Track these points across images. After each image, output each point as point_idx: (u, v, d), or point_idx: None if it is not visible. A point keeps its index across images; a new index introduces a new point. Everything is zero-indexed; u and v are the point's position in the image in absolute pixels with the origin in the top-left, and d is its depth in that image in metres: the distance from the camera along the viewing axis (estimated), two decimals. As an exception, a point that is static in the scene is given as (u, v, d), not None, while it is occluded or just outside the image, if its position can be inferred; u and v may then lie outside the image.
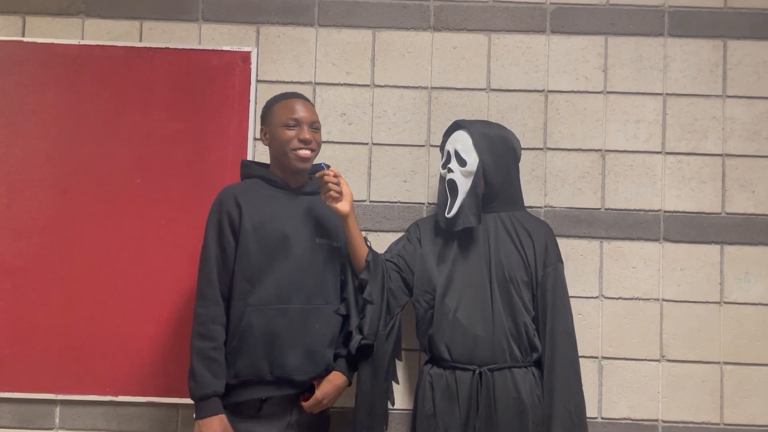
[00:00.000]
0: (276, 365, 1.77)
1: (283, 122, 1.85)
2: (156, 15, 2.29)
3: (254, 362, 1.76)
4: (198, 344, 1.75)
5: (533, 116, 2.27)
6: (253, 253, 1.78)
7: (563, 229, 2.21)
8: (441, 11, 2.30)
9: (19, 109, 2.23)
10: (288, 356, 1.77)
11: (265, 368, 1.77)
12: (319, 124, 1.90)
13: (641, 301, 2.22)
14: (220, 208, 1.81)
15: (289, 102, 1.88)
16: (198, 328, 1.76)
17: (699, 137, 2.26)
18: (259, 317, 1.77)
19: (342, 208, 1.83)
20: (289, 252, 1.80)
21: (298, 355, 1.79)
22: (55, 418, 2.19)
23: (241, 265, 1.78)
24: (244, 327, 1.76)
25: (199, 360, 1.74)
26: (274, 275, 1.78)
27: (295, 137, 1.84)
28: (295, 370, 1.78)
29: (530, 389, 1.84)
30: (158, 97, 2.23)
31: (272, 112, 1.89)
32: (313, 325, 1.81)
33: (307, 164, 1.87)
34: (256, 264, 1.78)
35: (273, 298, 1.78)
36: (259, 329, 1.76)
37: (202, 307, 1.77)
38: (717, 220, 2.24)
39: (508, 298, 1.87)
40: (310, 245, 1.84)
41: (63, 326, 2.17)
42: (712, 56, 2.28)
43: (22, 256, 2.19)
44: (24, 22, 2.29)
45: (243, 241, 1.78)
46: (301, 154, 1.84)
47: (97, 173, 2.22)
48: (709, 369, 2.20)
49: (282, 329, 1.77)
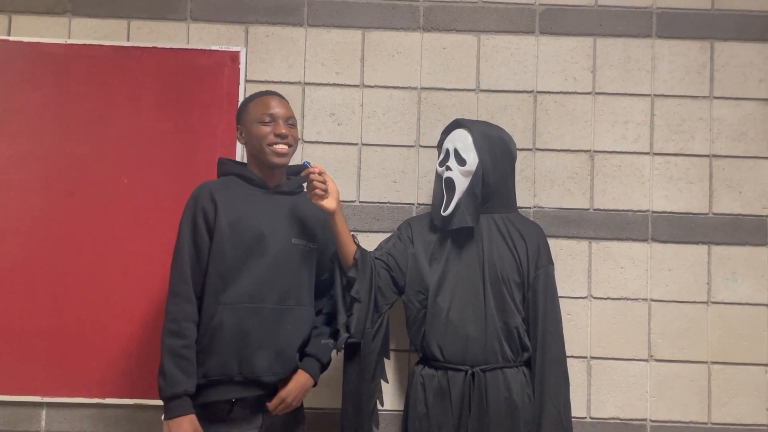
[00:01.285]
0: (245, 365, 1.74)
1: (258, 118, 1.83)
2: (144, 14, 2.28)
3: (224, 361, 1.73)
4: (169, 342, 1.71)
5: (522, 117, 2.27)
6: (227, 251, 1.75)
7: (552, 229, 2.22)
8: (430, 12, 2.30)
9: (5, 108, 2.20)
10: (257, 356, 1.75)
11: (234, 368, 1.74)
12: (294, 120, 1.88)
13: (629, 301, 2.23)
14: (195, 204, 1.78)
15: (264, 99, 1.87)
16: (169, 326, 1.73)
17: (686, 138, 2.27)
18: (231, 315, 1.74)
19: (328, 206, 1.82)
20: (264, 251, 1.78)
21: (268, 355, 1.76)
22: (42, 421, 2.17)
23: (215, 263, 1.75)
24: (215, 325, 1.73)
25: (169, 358, 1.70)
26: (248, 274, 1.76)
27: (271, 132, 1.82)
28: (264, 370, 1.75)
29: (521, 389, 1.85)
30: (146, 96, 2.22)
31: (247, 109, 1.87)
32: (285, 326, 1.79)
33: (284, 159, 1.85)
34: (231, 262, 1.75)
35: (246, 297, 1.75)
36: (231, 328, 1.74)
37: (174, 304, 1.74)
38: (704, 220, 2.25)
39: (501, 299, 1.88)
40: (285, 245, 1.82)
41: (50, 327, 2.15)
42: (699, 57, 2.29)
43: (8, 257, 2.17)
44: (10, 21, 2.27)
45: (218, 238, 1.76)
46: (278, 149, 1.82)
47: (84, 173, 2.20)
48: (697, 368, 2.21)
49: (253, 328, 1.75)
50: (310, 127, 2.27)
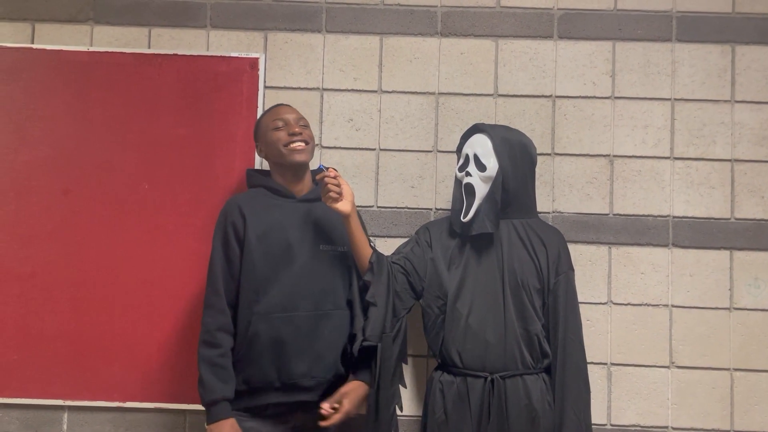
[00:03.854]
0: (283, 372, 1.80)
1: (272, 126, 1.91)
2: (164, 22, 2.30)
3: (262, 370, 1.80)
4: (204, 352, 1.80)
5: (541, 122, 2.27)
6: (257, 263, 1.81)
7: (571, 234, 2.20)
8: (448, 17, 2.31)
9: (27, 115, 2.23)
10: (295, 363, 1.80)
11: (273, 375, 1.80)
12: (306, 122, 1.96)
13: (650, 307, 2.21)
14: (225, 219, 1.86)
15: (273, 109, 1.99)
16: (204, 337, 1.81)
17: (707, 142, 2.25)
18: (265, 325, 1.80)
19: (342, 208, 1.83)
20: (293, 260, 1.83)
21: (306, 361, 1.81)
22: (63, 424, 2.19)
23: (246, 275, 1.82)
24: (251, 335, 1.80)
25: (206, 367, 1.78)
26: (278, 284, 1.81)
27: (285, 134, 1.89)
28: (303, 376, 1.81)
29: (541, 396, 1.84)
30: (166, 103, 2.24)
31: (260, 124, 1.97)
32: (322, 332, 1.83)
33: (303, 156, 1.89)
34: (261, 273, 1.81)
35: (279, 307, 1.81)
36: (266, 337, 1.80)
37: (208, 317, 1.82)
38: (726, 225, 2.23)
39: (520, 305, 1.87)
40: (313, 252, 1.86)
41: (71, 332, 2.17)
42: (720, 61, 2.27)
43: (29, 262, 2.19)
44: (33, 29, 2.30)
45: (247, 250, 1.82)
46: (295, 147, 1.88)
47: (104, 179, 2.22)
48: (719, 375, 2.19)
49: (288, 337, 1.80)
50: (329, 133, 2.28)
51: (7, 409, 2.18)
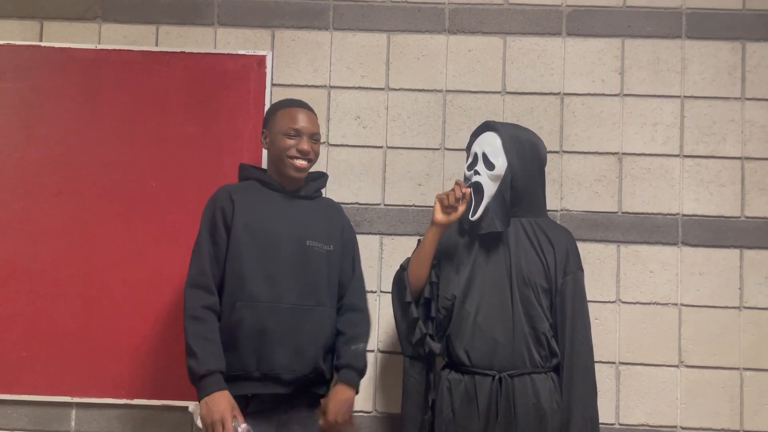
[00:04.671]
0: (264, 362, 1.77)
1: (285, 131, 1.87)
2: (172, 19, 2.30)
3: (242, 358, 1.77)
4: (193, 327, 1.74)
5: (549, 119, 2.25)
6: (243, 249, 1.80)
7: (580, 232, 2.19)
8: (456, 14, 2.30)
9: (36, 113, 2.24)
10: (276, 354, 1.77)
11: (252, 364, 1.77)
12: (319, 136, 1.93)
13: (659, 305, 2.19)
14: (214, 204, 1.85)
15: (293, 111, 1.90)
16: (191, 313, 1.76)
17: (718, 140, 2.23)
18: (249, 313, 1.78)
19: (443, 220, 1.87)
20: (279, 251, 1.82)
21: (287, 353, 1.78)
22: (71, 421, 2.20)
23: (232, 261, 1.80)
24: (234, 322, 1.77)
25: (196, 340, 1.72)
26: (264, 273, 1.80)
27: (294, 147, 1.86)
28: (283, 368, 1.78)
29: (549, 395, 1.83)
30: (174, 100, 2.24)
31: (275, 117, 1.91)
32: (304, 326, 1.81)
33: (301, 174, 1.89)
34: (247, 260, 1.80)
35: (263, 295, 1.79)
36: (249, 325, 1.77)
37: (192, 295, 1.78)
38: (736, 223, 2.21)
39: (528, 304, 1.86)
40: (300, 247, 1.85)
41: (79, 329, 2.18)
42: (730, 58, 2.25)
43: (38, 260, 2.20)
44: (41, 27, 2.31)
45: (234, 237, 1.81)
46: (298, 164, 1.87)
47: (113, 177, 2.23)
48: (729, 375, 2.17)
49: (272, 326, 1.78)
50: (336, 131, 2.27)
51: (15, 406, 2.19)
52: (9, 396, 2.18)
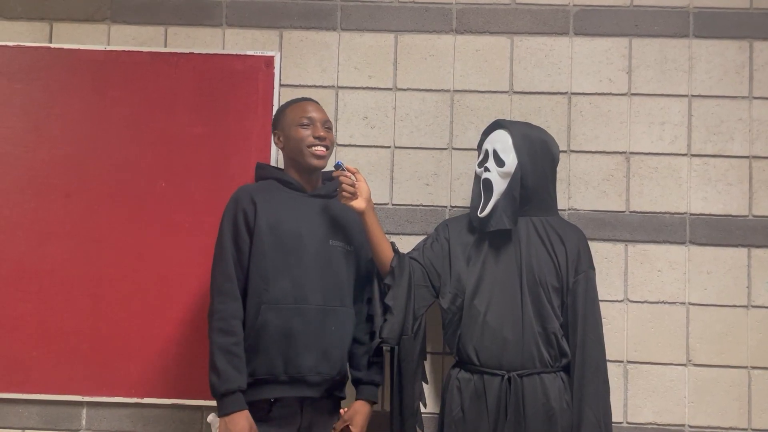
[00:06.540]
0: (291, 364, 1.77)
1: (298, 122, 1.88)
2: (180, 20, 2.31)
3: (270, 361, 1.76)
4: (219, 339, 1.74)
5: (556, 119, 2.26)
6: (268, 252, 1.79)
7: (587, 231, 2.18)
8: (463, 14, 2.30)
9: (45, 114, 2.25)
10: (303, 356, 1.77)
11: (279, 367, 1.77)
12: (330, 124, 1.93)
13: (667, 304, 2.19)
14: (235, 205, 1.83)
15: (301, 104, 1.93)
16: (218, 324, 1.76)
17: (725, 139, 2.24)
18: (274, 315, 1.77)
19: (357, 206, 1.84)
20: (304, 252, 1.81)
21: (314, 355, 1.79)
22: (82, 420, 2.21)
23: (255, 264, 1.79)
24: (259, 325, 1.77)
25: (221, 355, 1.72)
26: (288, 274, 1.79)
27: (310, 135, 1.87)
28: (310, 370, 1.78)
29: (559, 395, 1.83)
30: (182, 101, 2.25)
31: (285, 114, 1.92)
32: (329, 327, 1.81)
33: (322, 162, 1.88)
34: (271, 262, 1.78)
35: (289, 297, 1.78)
36: (275, 327, 1.76)
37: (220, 303, 1.77)
38: (744, 222, 2.21)
39: (538, 303, 1.86)
40: (323, 246, 1.85)
41: (89, 328, 2.19)
42: (738, 57, 2.25)
43: (48, 260, 2.21)
44: (51, 28, 2.32)
45: (257, 239, 1.79)
46: (317, 151, 1.86)
47: (122, 177, 2.23)
48: (737, 373, 2.17)
49: (298, 328, 1.77)
50: (344, 131, 2.28)
51: (26, 405, 2.20)
52: (20, 395, 2.19)
